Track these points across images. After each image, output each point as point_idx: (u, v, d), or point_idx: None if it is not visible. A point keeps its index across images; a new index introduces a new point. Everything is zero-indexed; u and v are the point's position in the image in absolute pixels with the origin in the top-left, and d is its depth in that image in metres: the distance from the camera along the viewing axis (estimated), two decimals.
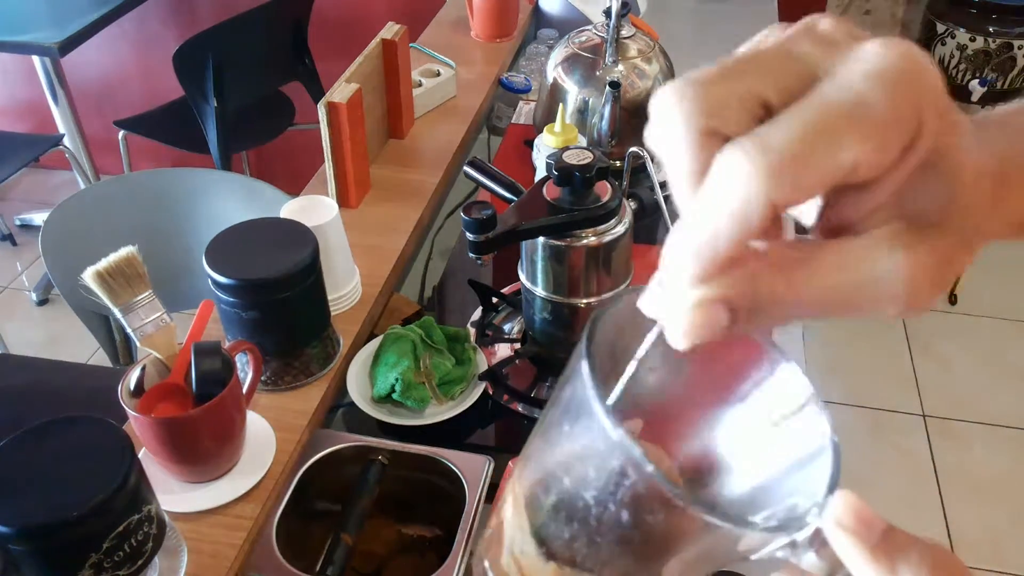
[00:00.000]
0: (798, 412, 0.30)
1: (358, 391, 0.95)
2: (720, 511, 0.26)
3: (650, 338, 0.29)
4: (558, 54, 1.33)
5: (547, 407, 0.31)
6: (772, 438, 0.31)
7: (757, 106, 0.24)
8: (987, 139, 0.29)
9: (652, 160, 1.11)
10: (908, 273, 0.25)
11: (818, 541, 0.27)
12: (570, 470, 0.29)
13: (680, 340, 0.26)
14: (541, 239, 0.90)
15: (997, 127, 0.32)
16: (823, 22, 0.25)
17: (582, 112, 1.29)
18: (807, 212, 0.28)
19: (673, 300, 0.26)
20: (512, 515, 0.32)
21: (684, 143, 0.25)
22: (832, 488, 0.27)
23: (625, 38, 1.28)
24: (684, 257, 0.25)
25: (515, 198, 0.91)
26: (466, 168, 0.97)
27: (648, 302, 0.27)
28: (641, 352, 0.29)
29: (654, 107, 0.25)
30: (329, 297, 0.97)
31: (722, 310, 0.25)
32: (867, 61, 0.23)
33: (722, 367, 0.32)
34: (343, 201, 1.21)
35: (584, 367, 0.27)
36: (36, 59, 2.30)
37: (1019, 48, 2.52)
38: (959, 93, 2.37)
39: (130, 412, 0.76)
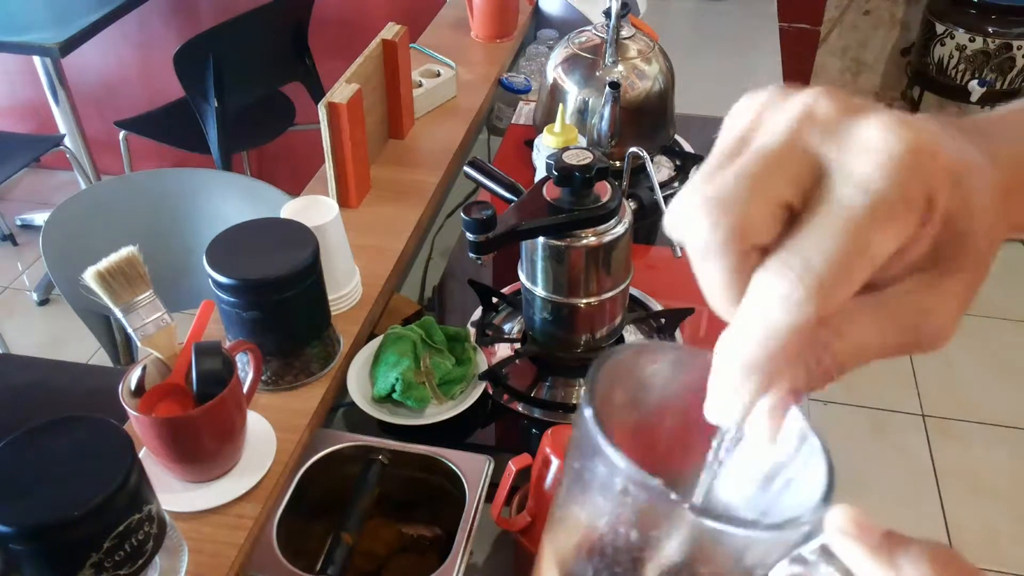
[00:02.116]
0: (789, 432, 0.31)
1: (358, 391, 0.95)
2: (726, 518, 0.27)
3: (726, 443, 0.31)
4: (558, 54, 1.33)
5: (565, 473, 0.32)
6: (766, 461, 0.32)
7: (782, 211, 0.26)
8: (994, 143, 0.30)
9: (651, 160, 1.11)
10: (945, 318, 0.27)
11: (826, 555, 0.28)
12: (593, 514, 0.30)
13: (767, 440, 0.28)
14: (541, 239, 0.90)
15: (1003, 129, 0.32)
16: (821, 106, 0.26)
17: (582, 112, 1.29)
18: None
19: (744, 411, 0.28)
20: None
21: (727, 271, 0.26)
22: (829, 494, 0.28)
23: (625, 39, 1.28)
24: (747, 375, 0.27)
25: (515, 198, 0.91)
26: (466, 168, 0.97)
27: (716, 413, 0.29)
28: (715, 455, 0.31)
29: (685, 231, 0.26)
30: (329, 297, 0.97)
31: (789, 401, 0.28)
32: (874, 152, 0.25)
33: None
34: (343, 201, 1.22)
35: (588, 413, 0.29)
36: (37, 59, 2.30)
37: (1018, 48, 2.52)
38: (958, 93, 2.37)
39: (131, 412, 0.76)
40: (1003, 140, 0.31)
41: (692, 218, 0.26)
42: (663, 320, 1.07)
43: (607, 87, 1.19)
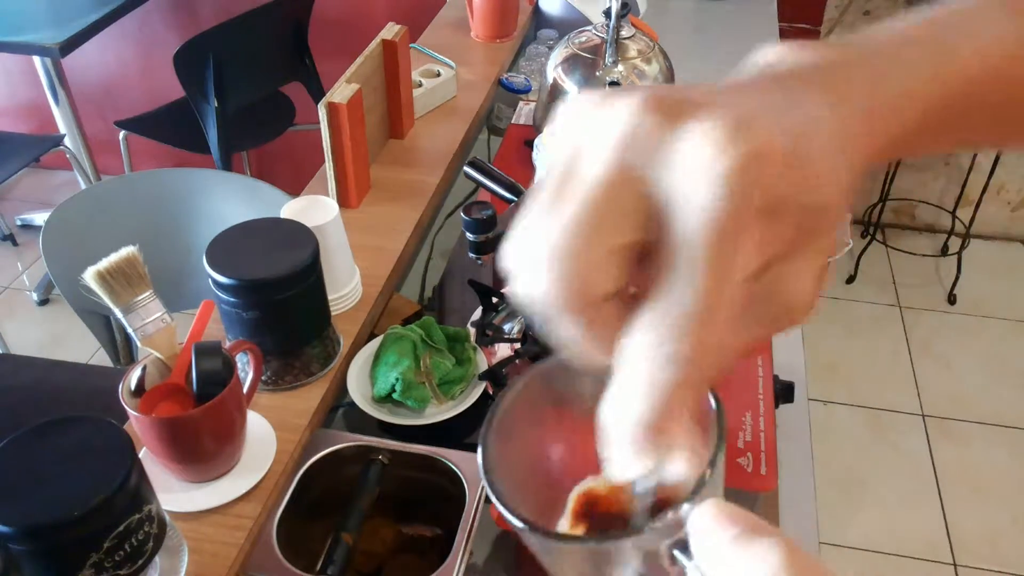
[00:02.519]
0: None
1: (358, 391, 0.95)
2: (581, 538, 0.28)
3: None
4: (558, 54, 1.33)
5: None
6: None
7: (627, 252, 0.24)
8: (881, 66, 0.29)
9: None
10: (808, 289, 0.26)
11: (682, 550, 0.27)
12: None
13: (699, 471, 0.26)
14: None
15: (861, 61, 0.30)
16: (640, 122, 0.24)
17: None
18: None
19: (651, 465, 0.26)
20: None
21: (580, 327, 0.25)
22: (698, 489, 0.26)
23: (625, 39, 1.28)
24: (646, 436, 0.25)
25: (515, 198, 0.91)
26: (466, 168, 0.97)
27: (622, 474, 0.26)
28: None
29: (524, 288, 0.24)
30: (329, 297, 0.97)
31: (687, 437, 0.26)
32: (704, 174, 0.23)
33: None
34: (343, 201, 1.22)
35: (485, 481, 0.29)
36: (37, 59, 2.30)
37: None
38: None
39: (131, 412, 0.76)
40: (867, 76, 0.29)
41: (529, 277, 0.24)
42: None
43: (607, 87, 1.19)
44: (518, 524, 0.28)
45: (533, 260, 0.24)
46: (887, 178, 2.69)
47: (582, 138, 0.25)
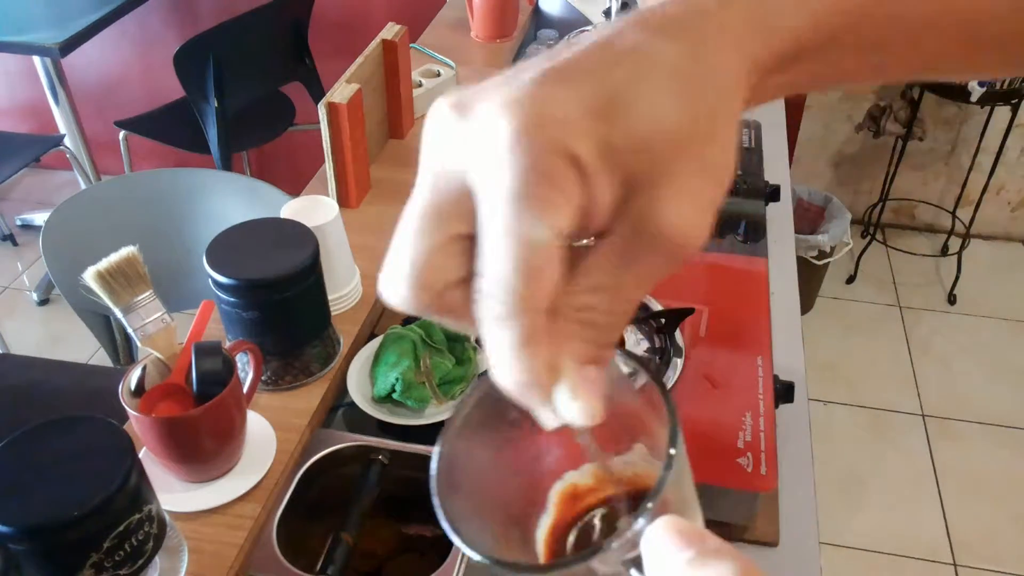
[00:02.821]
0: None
1: (358, 391, 0.95)
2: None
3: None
4: None
5: None
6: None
7: (459, 243, 0.26)
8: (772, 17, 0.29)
9: None
10: (687, 211, 0.26)
11: (636, 568, 0.27)
12: None
13: (593, 420, 0.27)
14: None
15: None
16: (444, 117, 0.27)
17: None
18: None
19: (558, 406, 0.27)
20: None
21: (447, 317, 0.27)
22: (653, 497, 0.26)
23: None
24: (522, 390, 0.26)
25: None
26: None
27: (549, 424, 0.28)
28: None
29: (388, 298, 0.27)
30: (329, 297, 0.97)
31: (589, 372, 0.27)
32: (487, 151, 0.25)
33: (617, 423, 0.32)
34: (343, 201, 1.22)
35: (436, 501, 0.29)
36: (37, 59, 2.30)
37: None
38: (958, 93, 2.37)
39: (131, 412, 0.76)
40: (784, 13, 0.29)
41: (393, 292, 0.27)
42: (663, 320, 1.06)
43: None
44: (477, 557, 0.28)
45: (387, 267, 0.27)
46: (887, 178, 2.69)
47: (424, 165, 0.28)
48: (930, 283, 2.71)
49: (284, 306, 0.88)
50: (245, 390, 0.84)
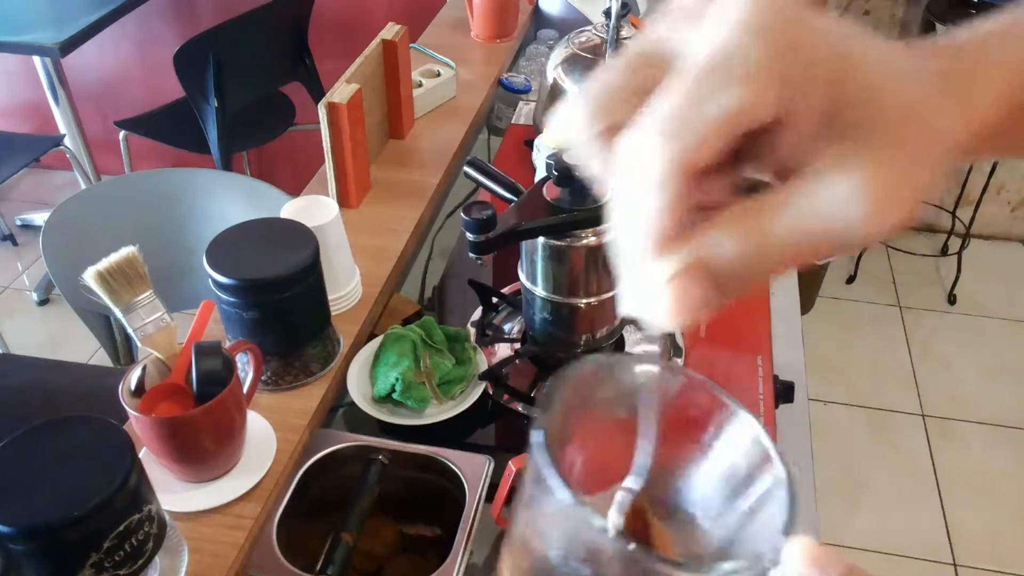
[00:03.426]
0: (756, 460, 0.30)
1: (358, 391, 0.95)
2: (677, 564, 0.26)
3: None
4: (558, 54, 1.33)
5: (520, 494, 0.31)
6: (733, 487, 0.31)
7: (645, 90, 0.26)
8: (985, 61, 0.30)
9: None
10: (864, 187, 0.24)
11: None
12: (543, 540, 0.30)
13: (668, 320, 0.26)
14: (541, 239, 0.90)
15: (1001, 40, 0.31)
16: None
17: None
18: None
19: (645, 287, 0.26)
20: None
21: (588, 146, 0.27)
22: (788, 527, 0.26)
23: (625, 39, 1.28)
24: (636, 242, 0.25)
25: (515, 198, 0.91)
26: (466, 168, 0.97)
27: (625, 303, 0.27)
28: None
29: (554, 127, 0.28)
30: (329, 297, 0.97)
31: (695, 278, 0.25)
32: (724, 14, 0.25)
33: (686, 423, 0.32)
34: (343, 201, 1.21)
35: (538, 437, 0.28)
36: (37, 59, 2.30)
37: None
38: None
39: (131, 412, 0.76)
40: (996, 53, 0.30)
41: (567, 116, 0.28)
42: None
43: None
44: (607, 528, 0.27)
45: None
46: None
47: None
48: (930, 283, 2.71)
49: (284, 306, 0.88)
50: (245, 390, 0.84)
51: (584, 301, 0.93)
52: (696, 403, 0.32)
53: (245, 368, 0.86)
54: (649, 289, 0.25)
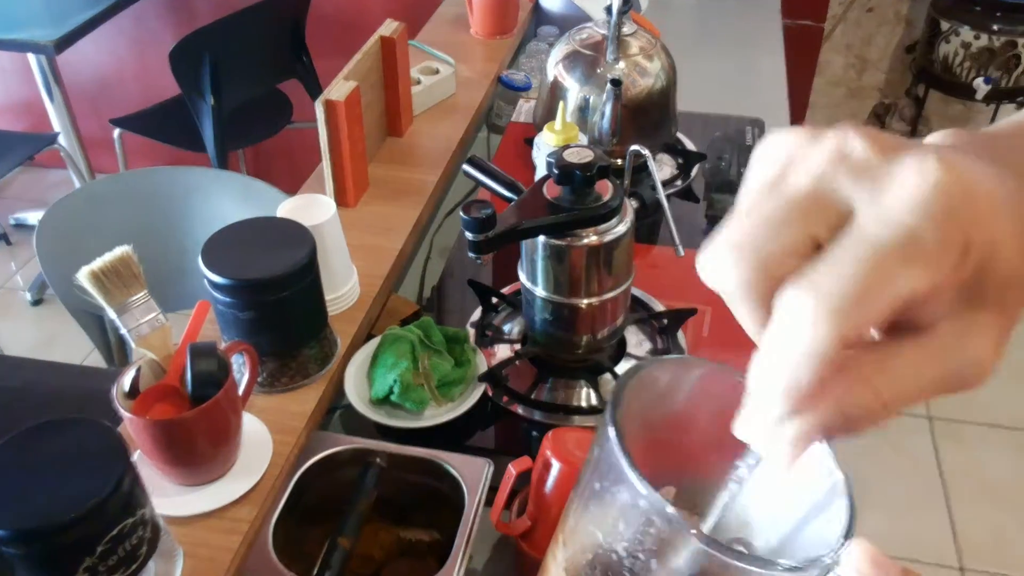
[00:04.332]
0: (813, 465, 0.32)
1: (356, 393, 0.94)
2: (750, 557, 0.28)
3: (749, 469, 0.31)
4: (558, 51, 1.31)
5: (581, 477, 0.33)
6: (789, 493, 0.33)
7: (809, 249, 0.26)
8: (1014, 157, 0.30)
9: (653, 158, 1.10)
10: (987, 354, 0.27)
11: None
12: (609, 533, 0.31)
13: (784, 467, 0.28)
14: (541, 238, 0.89)
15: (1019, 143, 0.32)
16: (855, 147, 0.26)
17: (583, 110, 1.28)
18: None
19: (770, 434, 0.28)
20: None
21: (756, 309, 0.27)
22: (849, 533, 0.29)
23: (626, 35, 1.27)
24: (773, 397, 0.27)
25: (515, 197, 0.90)
26: (465, 167, 0.96)
27: (745, 432, 0.29)
28: (738, 480, 0.31)
29: (714, 276, 0.28)
30: (327, 297, 0.96)
31: (817, 436, 0.27)
32: (908, 191, 0.25)
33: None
34: (341, 200, 1.20)
35: (611, 433, 0.29)
36: (31, 57, 2.28)
37: (1023, 46, 2.51)
38: (963, 91, 2.36)
39: (125, 414, 0.75)
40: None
41: (718, 262, 0.27)
42: (665, 321, 1.05)
43: (608, 84, 1.18)
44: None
45: (728, 247, 0.27)
46: None
47: (793, 157, 0.27)
48: None
49: (281, 306, 0.87)
50: (241, 392, 0.84)
51: (585, 301, 0.92)
52: None
53: (241, 369, 0.85)
54: (773, 432, 0.28)
